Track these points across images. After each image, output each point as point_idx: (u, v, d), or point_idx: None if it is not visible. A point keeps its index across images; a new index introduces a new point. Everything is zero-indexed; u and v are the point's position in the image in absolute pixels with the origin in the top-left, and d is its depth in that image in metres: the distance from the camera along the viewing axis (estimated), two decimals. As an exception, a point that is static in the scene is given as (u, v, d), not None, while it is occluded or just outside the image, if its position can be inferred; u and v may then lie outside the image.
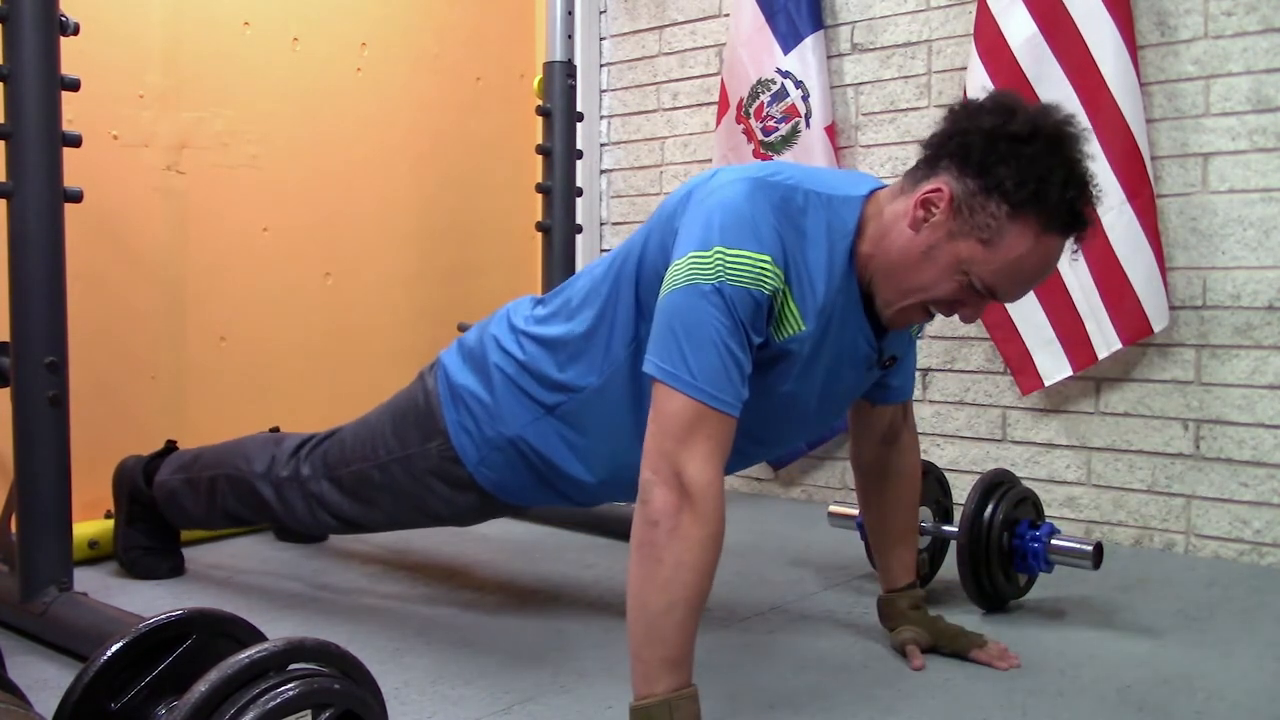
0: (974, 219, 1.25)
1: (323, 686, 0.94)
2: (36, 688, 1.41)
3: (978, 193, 1.25)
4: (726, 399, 1.21)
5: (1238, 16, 2.17)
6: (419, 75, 2.85)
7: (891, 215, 1.32)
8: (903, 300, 1.33)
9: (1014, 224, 1.25)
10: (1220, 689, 1.47)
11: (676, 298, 1.24)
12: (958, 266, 1.27)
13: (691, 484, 1.19)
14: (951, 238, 1.27)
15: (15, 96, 1.57)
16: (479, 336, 1.63)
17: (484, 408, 1.56)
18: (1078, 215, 1.26)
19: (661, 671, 1.19)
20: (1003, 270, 1.27)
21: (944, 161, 1.29)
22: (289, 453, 1.80)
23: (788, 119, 2.67)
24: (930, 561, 1.95)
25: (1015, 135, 1.25)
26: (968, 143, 1.27)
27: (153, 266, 2.34)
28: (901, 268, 1.31)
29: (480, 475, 1.59)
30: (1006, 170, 1.24)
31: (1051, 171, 1.24)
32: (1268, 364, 2.16)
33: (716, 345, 1.21)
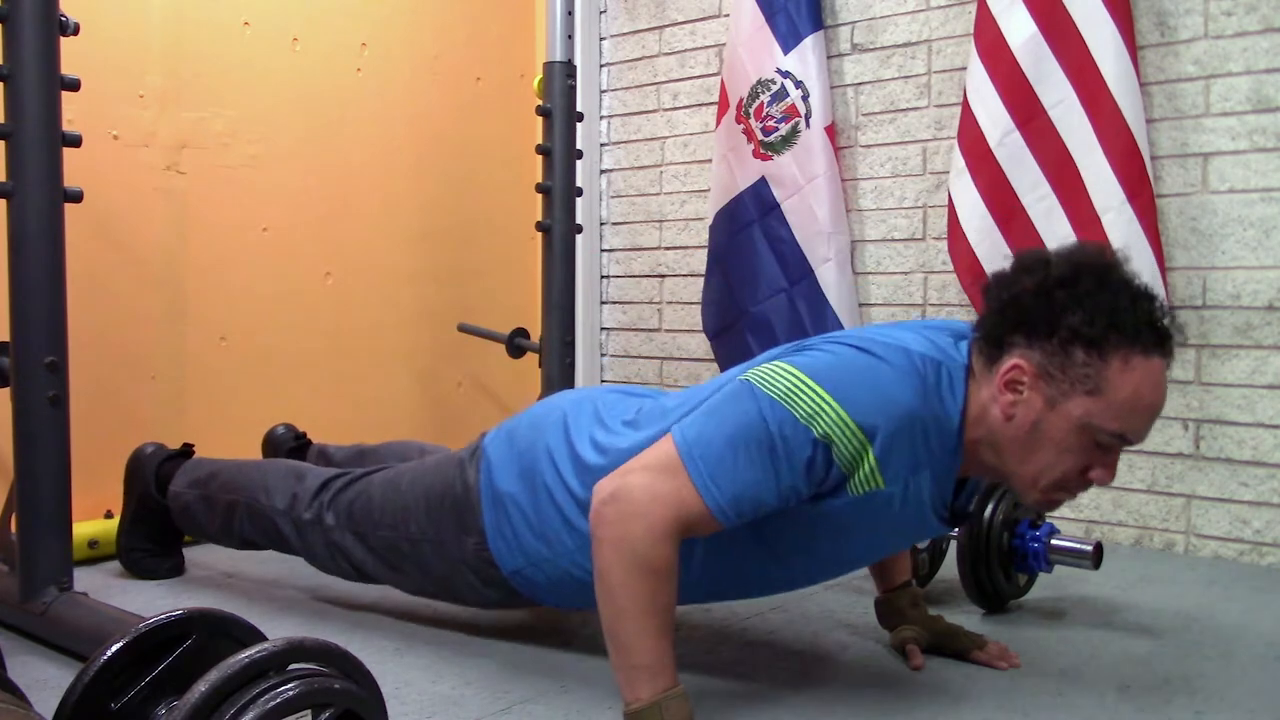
0: (1068, 376, 1.20)
1: (323, 686, 0.94)
2: (36, 688, 1.41)
3: (1057, 351, 1.20)
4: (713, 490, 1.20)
5: (1238, 16, 2.17)
6: (419, 75, 2.85)
7: (982, 402, 1.26)
8: (1036, 486, 1.26)
9: (1109, 362, 1.19)
10: (1220, 689, 1.47)
11: (741, 390, 1.25)
12: (1077, 428, 1.21)
13: (631, 500, 1.20)
14: (1053, 405, 1.21)
15: (15, 96, 1.57)
16: (531, 439, 1.51)
17: (527, 523, 1.47)
18: (1160, 327, 1.22)
19: (638, 678, 1.20)
20: (1124, 410, 1.20)
21: (1007, 338, 1.24)
22: (311, 493, 1.74)
23: (788, 119, 2.67)
24: (930, 562, 1.95)
25: (1063, 280, 1.21)
26: (1023, 310, 1.22)
27: (153, 266, 2.34)
28: (1017, 456, 1.25)
29: (516, 581, 1.52)
30: (1073, 316, 1.19)
31: (1116, 297, 1.20)
32: (1268, 364, 2.16)
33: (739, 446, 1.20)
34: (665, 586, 1.21)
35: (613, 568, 1.21)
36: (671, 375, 3.09)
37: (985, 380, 1.26)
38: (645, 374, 3.14)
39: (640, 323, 3.16)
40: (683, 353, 3.06)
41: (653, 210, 3.12)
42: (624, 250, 3.19)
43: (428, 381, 2.93)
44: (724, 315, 2.83)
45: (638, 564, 1.20)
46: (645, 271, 3.14)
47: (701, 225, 2.95)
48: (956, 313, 2.54)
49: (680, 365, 3.07)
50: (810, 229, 2.64)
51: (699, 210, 3.00)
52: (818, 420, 1.20)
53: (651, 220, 3.12)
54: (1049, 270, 1.22)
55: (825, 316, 2.63)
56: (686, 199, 3.05)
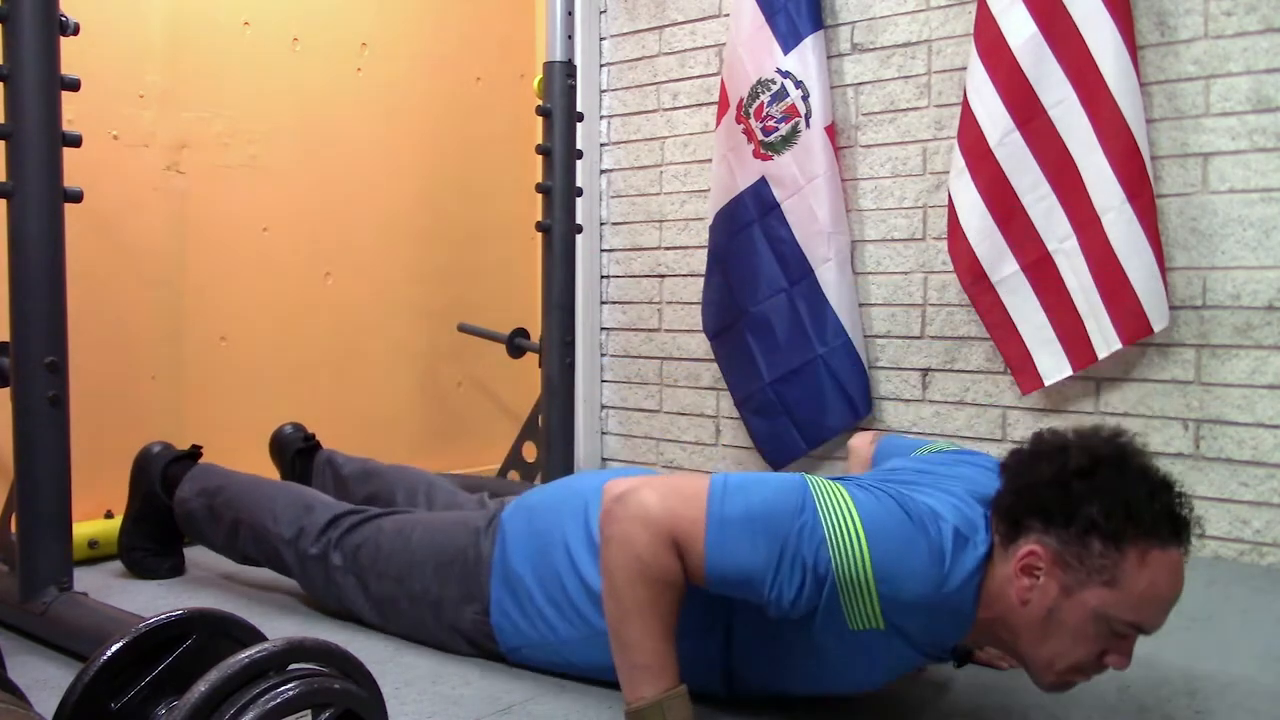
0: (1085, 565, 1.18)
1: (323, 686, 0.94)
2: (36, 688, 1.41)
3: (1073, 542, 1.18)
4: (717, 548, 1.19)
5: (1238, 16, 2.17)
6: (419, 75, 2.85)
7: (998, 581, 1.23)
8: (1052, 669, 1.24)
9: (1126, 554, 1.17)
10: (1220, 689, 1.47)
11: (797, 483, 1.24)
12: (1093, 618, 1.19)
13: (643, 504, 1.20)
14: (1069, 593, 1.19)
15: (15, 96, 1.57)
16: (549, 521, 1.50)
17: (535, 610, 1.48)
18: (1178, 519, 1.20)
19: (640, 678, 1.21)
20: (1140, 604, 1.18)
21: (1024, 522, 1.22)
22: (319, 528, 1.74)
23: (788, 119, 2.67)
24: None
25: (1081, 471, 1.20)
26: (1040, 497, 1.21)
27: (153, 266, 2.34)
28: (1033, 641, 1.23)
29: (513, 657, 1.54)
30: (1091, 509, 1.18)
31: (1134, 489, 1.19)
32: (1268, 364, 2.16)
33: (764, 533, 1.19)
34: (669, 591, 1.21)
35: (618, 568, 1.21)
36: (671, 375, 3.09)
37: (1002, 559, 1.24)
38: (645, 374, 3.14)
39: (640, 323, 3.16)
40: (683, 353, 3.06)
41: (653, 210, 3.12)
42: (624, 250, 3.19)
43: (428, 381, 2.93)
44: (724, 315, 2.83)
45: (642, 567, 1.20)
46: (645, 271, 3.14)
47: (701, 225, 2.95)
48: (957, 312, 2.54)
49: (680, 365, 3.07)
50: (810, 229, 2.64)
51: (699, 210, 3.00)
52: (846, 565, 1.18)
53: (651, 220, 3.12)
54: (1067, 459, 1.21)
55: (825, 316, 2.63)
56: (686, 199, 3.05)
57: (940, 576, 1.19)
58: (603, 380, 3.25)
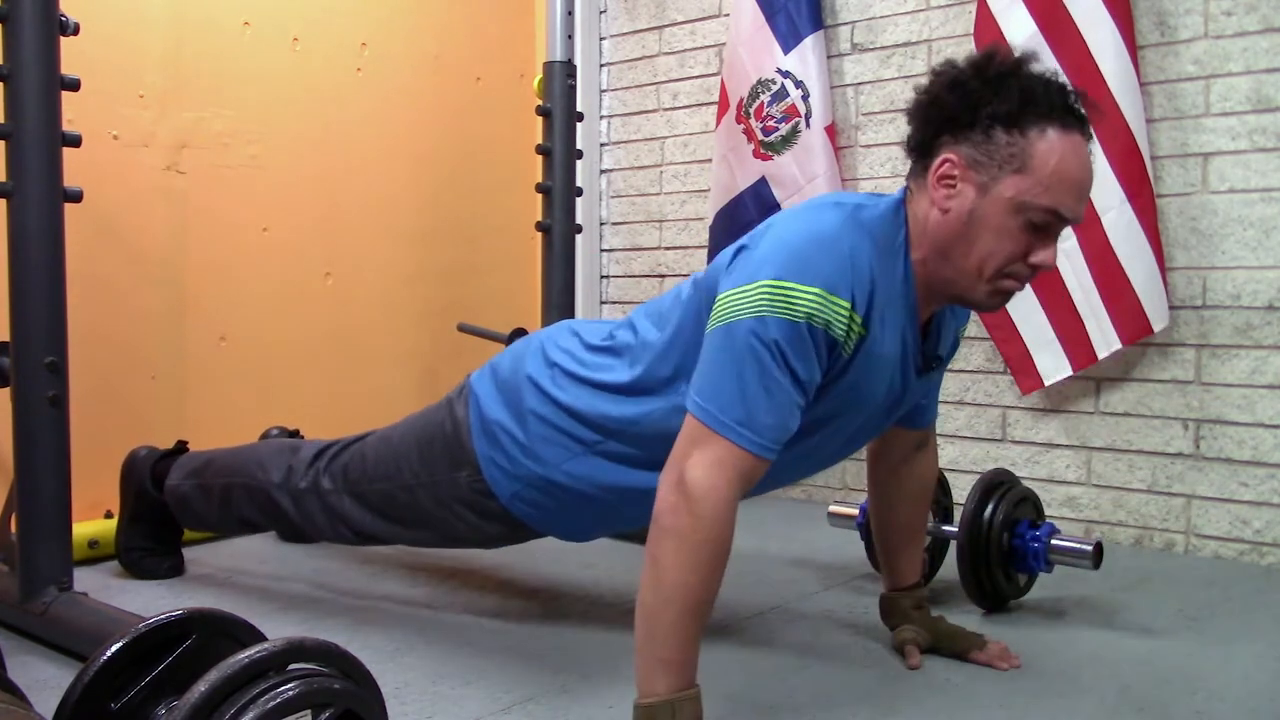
0: (994, 159, 1.24)
1: (323, 686, 0.94)
2: (36, 688, 1.41)
3: (981, 139, 1.25)
4: (751, 436, 1.20)
5: (1238, 16, 2.17)
6: (419, 75, 2.86)
7: (921, 214, 1.31)
8: (982, 277, 1.29)
9: (1029, 137, 1.23)
10: (1220, 689, 1.48)
11: (718, 336, 1.24)
12: (1011, 208, 1.24)
13: (693, 487, 1.19)
14: (985, 190, 1.25)
15: (15, 96, 1.57)
16: (513, 369, 1.56)
17: (517, 445, 1.51)
18: (1073, 107, 1.26)
19: (661, 671, 1.19)
20: (1052, 182, 1.23)
21: (934, 141, 1.29)
22: (306, 462, 1.76)
23: (788, 119, 2.67)
24: (930, 561, 1.95)
25: (976, 69, 1.27)
26: (942, 106, 1.28)
27: (153, 266, 2.34)
28: (959, 249, 1.28)
29: (515, 508, 1.55)
30: (991, 102, 1.24)
31: (1026, 79, 1.25)
32: (1268, 364, 2.16)
33: (754, 382, 1.20)
34: (716, 578, 1.21)
35: (672, 557, 1.19)
36: (671, 375, 3.08)
37: (922, 193, 1.31)
38: (645, 374, 3.14)
39: (640, 323, 3.16)
40: (683, 353, 3.05)
41: (653, 210, 3.12)
42: (624, 250, 3.19)
43: (428, 381, 2.93)
44: (724, 315, 2.82)
45: (700, 551, 1.19)
46: (645, 271, 3.14)
47: (701, 225, 2.95)
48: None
49: (680, 365, 3.06)
50: (810, 229, 2.64)
51: (699, 210, 3.00)
52: (813, 313, 1.21)
53: (651, 220, 3.12)
54: (962, 68, 1.28)
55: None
56: (686, 199, 3.05)
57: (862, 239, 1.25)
58: (603, 380, 3.25)
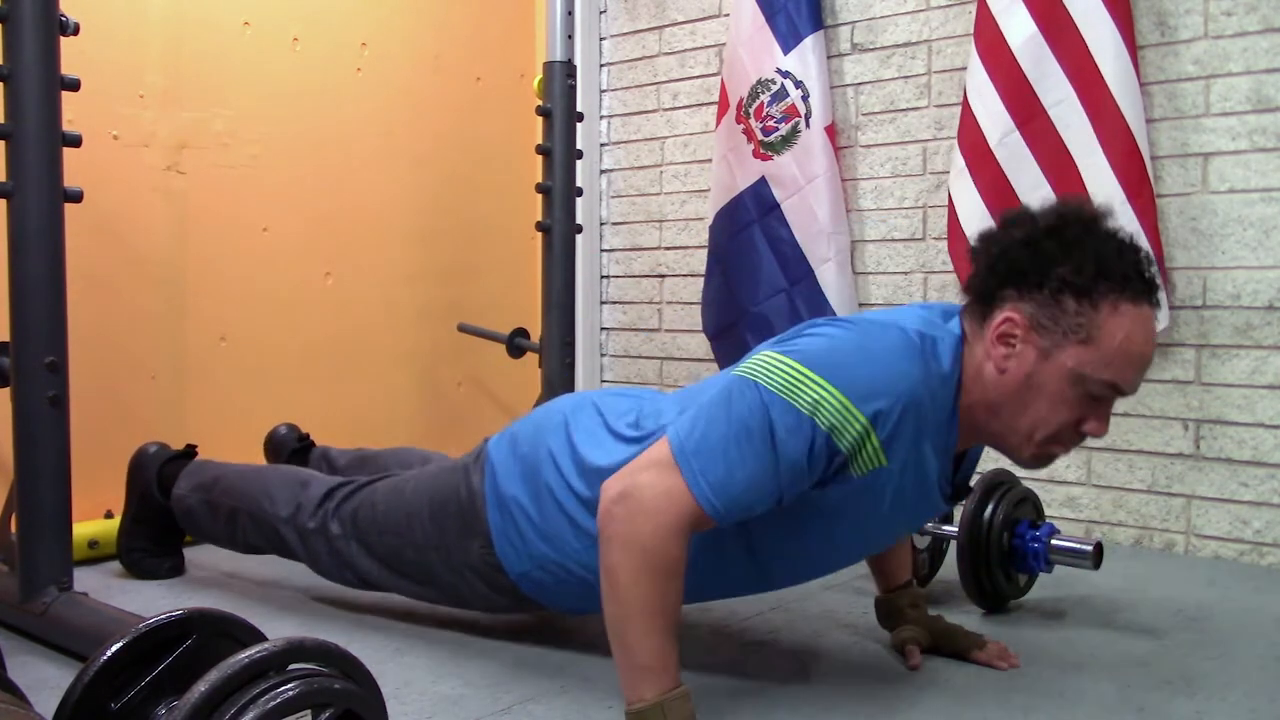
0: (1060, 326, 1.20)
1: (323, 686, 0.94)
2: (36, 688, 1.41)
3: (1048, 302, 1.21)
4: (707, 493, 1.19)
5: (1238, 16, 2.17)
6: (419, 75, 2.85)
7: (976, 362, 1.26)
8: (1031, 440, 1.27)
9: (1100, 309, 1.20)
10: (1220, 689, 1.47)
11: (732, 382, 1.24)
12: (1070, 378, 1.21)
13: (639, 502, 1.20)
14: (1047, 356, 1.22)
15: (15, 96, 1.57)
16: (534, 444, 1.51)
17: (532, 525, 1.47)
18: (1147, 277, 1.22)
19: (642, 678, 1.20)
20: (1115, 359, 1.20)
21: (998, 292, 1.24)
22: (315, 501, 1.73)
23: (788, 119, 2.67)
24: (930, 562, 1.95)
25: (1050, 231, 1.22)
26: (1012, 261, 1.23)
27: (153, 266, 2.34)
28: (1012, 412, 1.25)
29: (524, 585, 1.52)
30: (1063, 266, 1.20)
31: (1102, 245, 1.21)
32: (1268, 364, 2.16)
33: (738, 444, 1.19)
34: (672, 586, 1.21)
35: (620, 566, 1.20)
36: (671, 375, 3.09)
37: (978, 340, 1.27)
38: (645, 374, 3.14)
39: (640, 323, 3.16)
40: (683, 353, 3.06)
41: (653, 210, 3.12)
42: (624, 250, 3.19)
43: (428, 381, 2.93)
44: (724, 315, 2.82)
45: (646, 563, 1.19)
46: (645, 271, 3.14)
47: (701, 225, 2.95)
48: (956, 313, 2.54)
49: (680, 365, 3.07)
50: (810, 229, 2.64)
51: (699, 210, 3.00)
52: (821, 410, 1.19)
53: (651, 220, 3.12)
54: (1035, 223, 1.24)
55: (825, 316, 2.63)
56: (686, 199, 3.05)
57: (919, 365, 1.21)
58: (603, 380, 3.25)
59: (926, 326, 1.27)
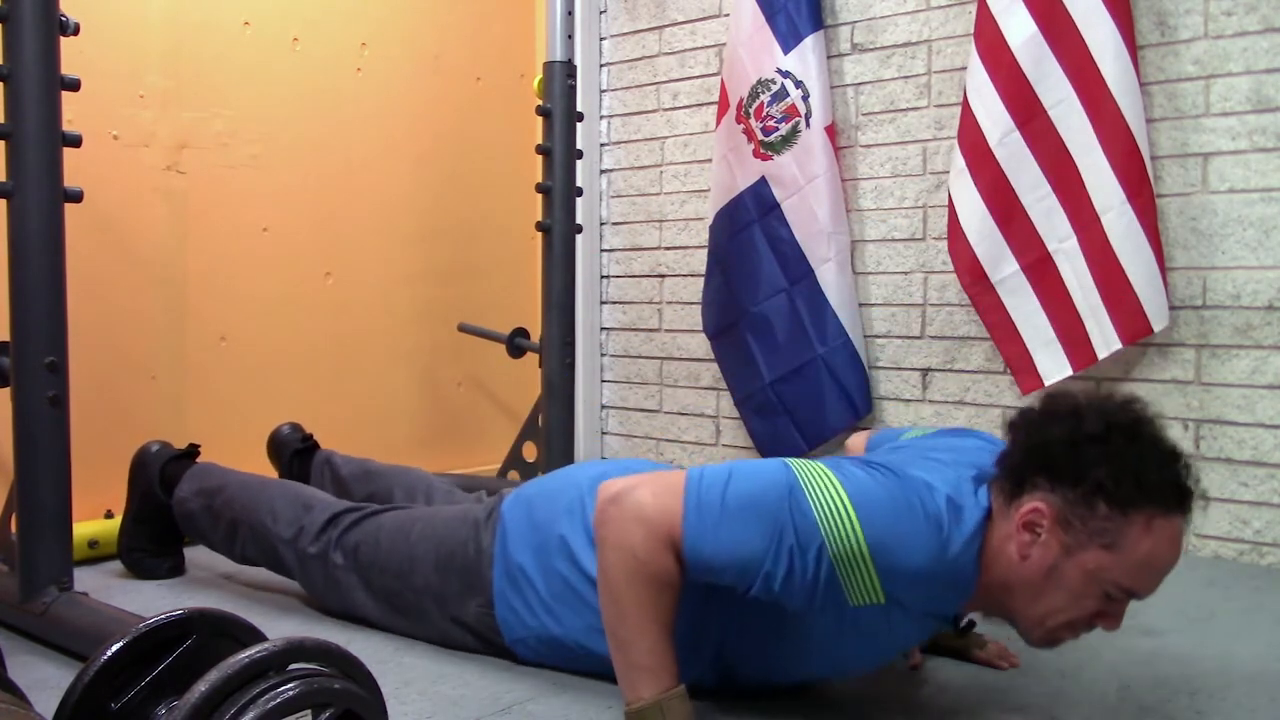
0: (1087, 527, 1.19)
1: (323, 686, 0.94)
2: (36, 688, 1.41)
3: (1079, 502, 1.19)
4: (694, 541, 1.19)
5: (1238, 16, 2.17)
6: (419, 75, 2.86)
7: (997, 540, 1.24)
8: (1043, 625, 1.26)
9: (1129, 521, 1.18)
10: (1220, 689, 1.47)
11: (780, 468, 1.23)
12: (1090, 579, 1.20)
13: (635, 507, 1.20)
14: (1070, 553, 1.20)
15: (15, 96, 1.57)
16: (548, 517, 1.50)
17: (538, 597, 1.48)
18: (1184, 490, 1.22)
19: (639, 679, 1.20)
20: (1138, 569, 1.20)
21: (1031, 479, 1.23)
22: (319, 527, 1.73)
23: (788, 119, 2.67)
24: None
25: (1093, 436, 1.20)
26: (1050, 455, 1.22)
27: (153, 266, 2.34)
28: (1028, 598, 1.24)
29: (519, 650, 1.53)
30: (1100, 472, 1.19)
31: (1144, 459, 1.20)
32: (1268, 364, 2.16)
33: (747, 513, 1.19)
34: (667, 590, 1.21)
35: (615, 569, 1.21)
36: (671, 375, 3.09)
37: (1003, 517, 1.24)
38: (645, 374, 3.14)
39: (640, 323, 3.16)
40: (683, 353, 3.06)
41: (653, 210, 3.12)
42: (624, 250, 3.19)
43: (428, 381, 2.93)
44: (724, 315, 2.83)
45: (639, 568, 1.19)
46: (645, 271, 3.14)
47: (701, 225, 2.95)
48: (957, 312, 2.54)
49: (680, 365, 3.07)
50: (810, 229, 2.64)
51: (699, 210, 3.00)
52: (840, 544, 1.18)
53: (651, 220, 3.12)
54: (1080, 423, 1.22)
55: (825, 316, 2.63)
56: (686, 199, 3.05)
57: (939, 545, 1.20)
58: (603, 380, 3.25)
59: (956, 491, 1.25)
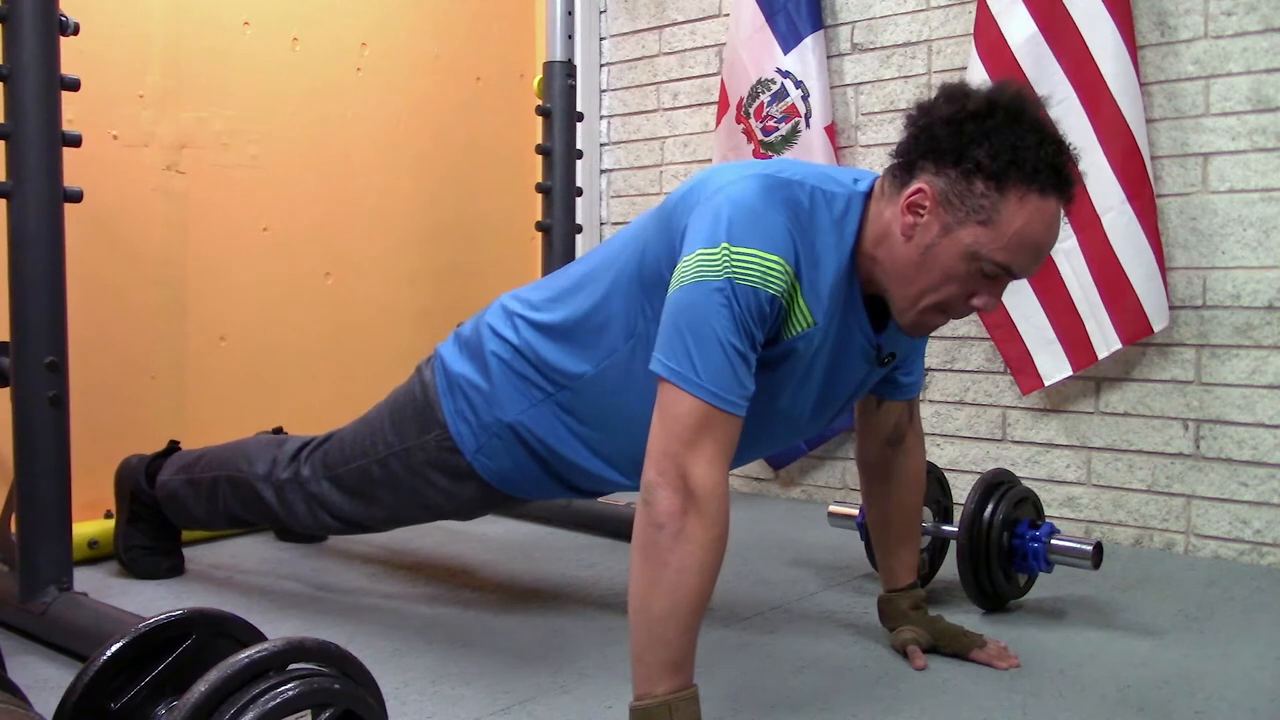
0: (965, 204, 1.26)
1: (323, 686, 0.94)
2: (36, 688, 1.41)
3: (959, 180, 1.26)
4: (733, 399, 1.21)
5: (1238, 16, 2.17)
6: (419, 75, 2.85)
7: (884, 222, 1.32)
8: (916, 306, 1.32)
9: (1005, 196, 1.24)
10: (1220, 689, 1.48)
11: (683, 295, 1.23)
12: (965, 255, 1.26)
13: (697, 486, 1.18)
14: (948, 230, 1.27)
15: (15, 96, 1.57)
16: (474, 326, 1.62)
17: (481, 394, 1.56)
18: (1061, 171, 1.27)
19: (663, 673, 1.19)
20: (1012, 243, 1.26)
21: (918, 163, 1.30)
22: (290, 455, 1.79)
23: (788, 119, 2.67)
24: (930, 561, 1.95)
25: (976, 113, 1.26)
26: (934, 136, 1.28)
27: (153, 266, 2.34)
28: (906, 275, 1.30)
29: (479, 464, 1.58)
30: (979, 149, 1.25)
31: (1022, 137, 1.25)
32: (1268, 364, 2.16)
33: (723, 343, 1.20)
34: (719, 570, 1.21)
35: (680, 559, 1.17)
36: (671, 375, 3.08)
37: (892, 202, 1.32)
38: (645, 374, 3.14)
39: (640, 323, 3.16)
40: (683, 353, 3.05)
41: (653, 210, 3.12)
42: (624, 250, 3.19)
43: (428, 381, 2.92)
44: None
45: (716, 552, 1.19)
46: (645, 271, 3.14)
47: (701, 225, 2.94)
48: (956, 313, 2.54)
49: (680, 365, 3.06)
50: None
51: (699, 210, 2.99)
52: (770, 279, 1.22)
53: (651, 220, 3.12)
54: (965, 103, 1.28)
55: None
56: (686, 199, 3.04)
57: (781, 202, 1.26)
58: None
59: (826, 183, 1.33)
